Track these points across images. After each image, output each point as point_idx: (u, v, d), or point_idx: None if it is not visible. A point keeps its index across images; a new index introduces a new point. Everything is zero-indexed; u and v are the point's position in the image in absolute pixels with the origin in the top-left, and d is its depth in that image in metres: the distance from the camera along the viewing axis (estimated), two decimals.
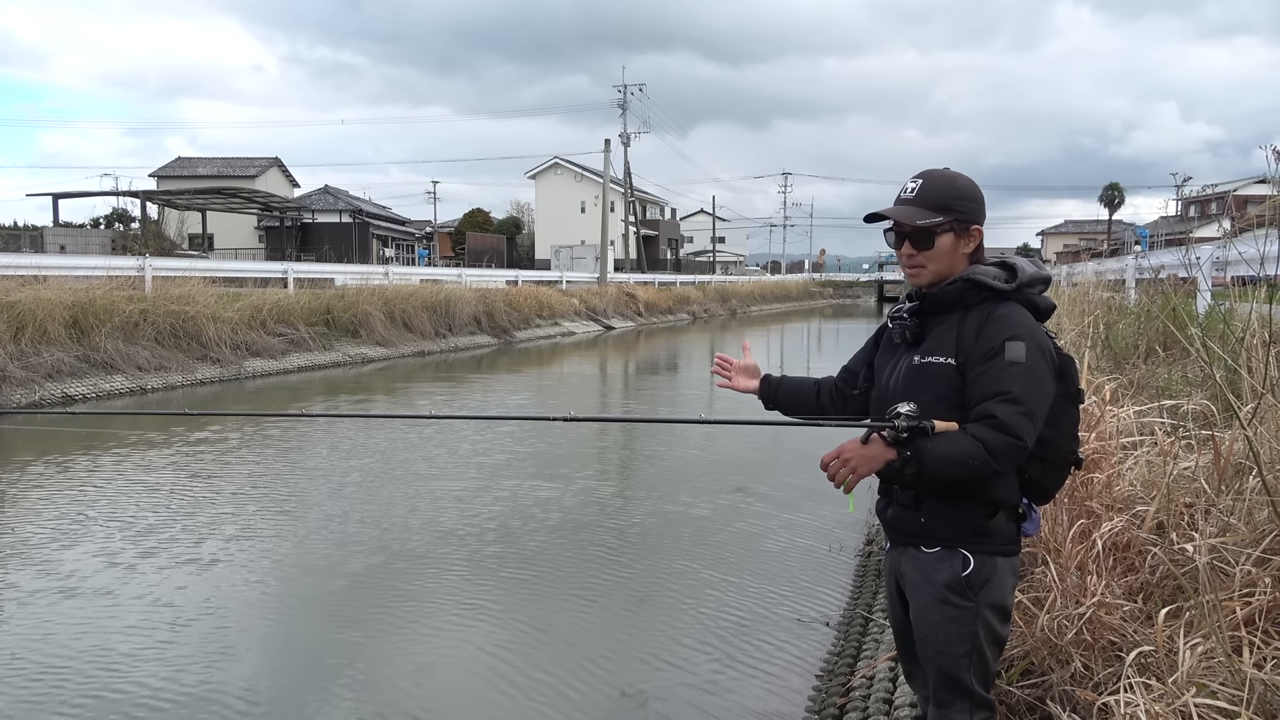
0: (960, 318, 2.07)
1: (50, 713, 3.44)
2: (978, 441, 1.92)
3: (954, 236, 2.09)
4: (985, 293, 2.06)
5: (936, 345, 2.07)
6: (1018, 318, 2.03)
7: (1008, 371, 1.95)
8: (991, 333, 2.00)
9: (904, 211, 2.11)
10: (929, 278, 2.11)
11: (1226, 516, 2.83)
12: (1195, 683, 2.11)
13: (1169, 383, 5.09)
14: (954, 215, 2.08)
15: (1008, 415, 1.92)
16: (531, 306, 25.42)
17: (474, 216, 64.09)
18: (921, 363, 2.08)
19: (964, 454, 1.92)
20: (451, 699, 3.64)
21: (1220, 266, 7.06)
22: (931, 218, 2.08)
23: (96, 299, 12.77)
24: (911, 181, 2.14)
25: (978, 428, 1.94)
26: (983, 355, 1.99)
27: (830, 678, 3.66)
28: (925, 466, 1.94)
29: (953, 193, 2.10)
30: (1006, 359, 1.96)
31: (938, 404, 2.00)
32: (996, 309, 2.04)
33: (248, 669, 3.81)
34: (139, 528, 5.77)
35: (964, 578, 2.02)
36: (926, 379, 2.05)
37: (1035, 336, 2.01)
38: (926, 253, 2.10)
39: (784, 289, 60.34)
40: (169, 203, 37.37)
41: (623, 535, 5.85)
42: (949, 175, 2.15)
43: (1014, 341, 1.97)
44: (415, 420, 10.30)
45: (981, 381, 1.98)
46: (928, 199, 2.10)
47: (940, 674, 2.07)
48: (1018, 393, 1.93)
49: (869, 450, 1.98)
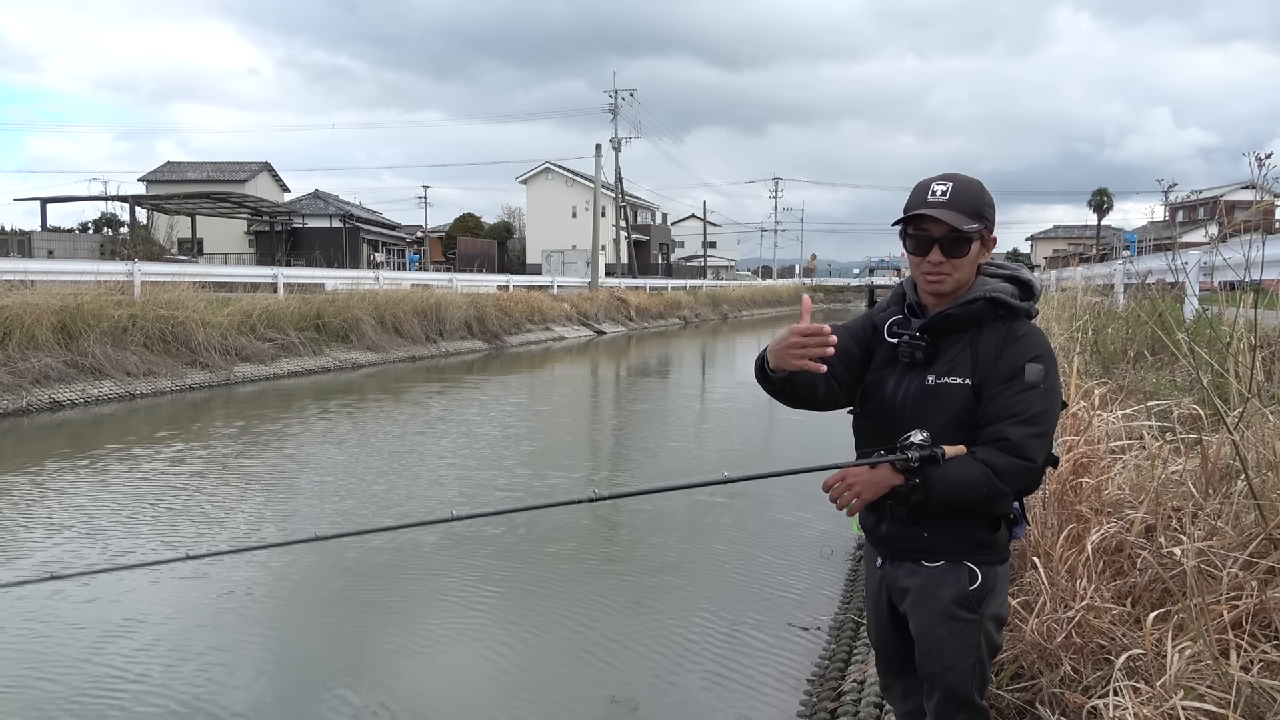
0: (975, 335, 2.02)
1: (49, 713, 3.42)
2: (986, 467, 1.90)
3: (979, 245, 2.02)
4: (1002, 310, 2.02)
5: (953, 366, 2.01)
6: (1038, 339, 2.01)
7: (1026, 394, 1.93)
8: (1013, 354, 1.97)
9: (951, 215, 1.98)
10: (951, 286, 2.02)
11: (1214, 520, 2.84)
12: (1183, 686, 2.12)
13: (1157, 387, 5.11)
14: (985, 223, 2.01)
15: (1021, 438, 1.90)
16: (522, 311, 25.39)
17: (465, 221, 64.00)
18: (937, 383, 2.00)
19: (972, 480, 1.90)
20: (438, 702, 3.62)
21: (1207, 271, 7.11)
22: (970, 223, 1.98)
23: (85, 304, 12.70)
24: (939, 184, 2.01)
25: (987, 451, 1.91)
26: (1002, 376, 1.95)
27: (821, 683, 3.66)
28: (933, 494, 1.92)
29: (983, 199, 2.02)
30: (1026, 381, 1.93)
31: (953, 425, 1.97)
32: (1016, 329, 2.01)
33: (241, 671, 3.79)
34: (132, 528, 5.74)
35: (972, 592, 2.00)
36: (942, 400, 1.99)
37: (1051, 358, 1.99)
38: (956, 260, 2.00)
39: (775, 294, 60.43)
40: (158, 207, 37.19)
41: (613, 538, 5.84)
42: (976, 181, 2.05)
43: (1034, 364, 1.95)
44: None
45: (997, 402, 1.94)
46: (963, 204, 1.99)
47: (947, 688, 2.04)
48: (1033, 415, 1.91)
49: (875, 475, 1.96)
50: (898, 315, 2.13)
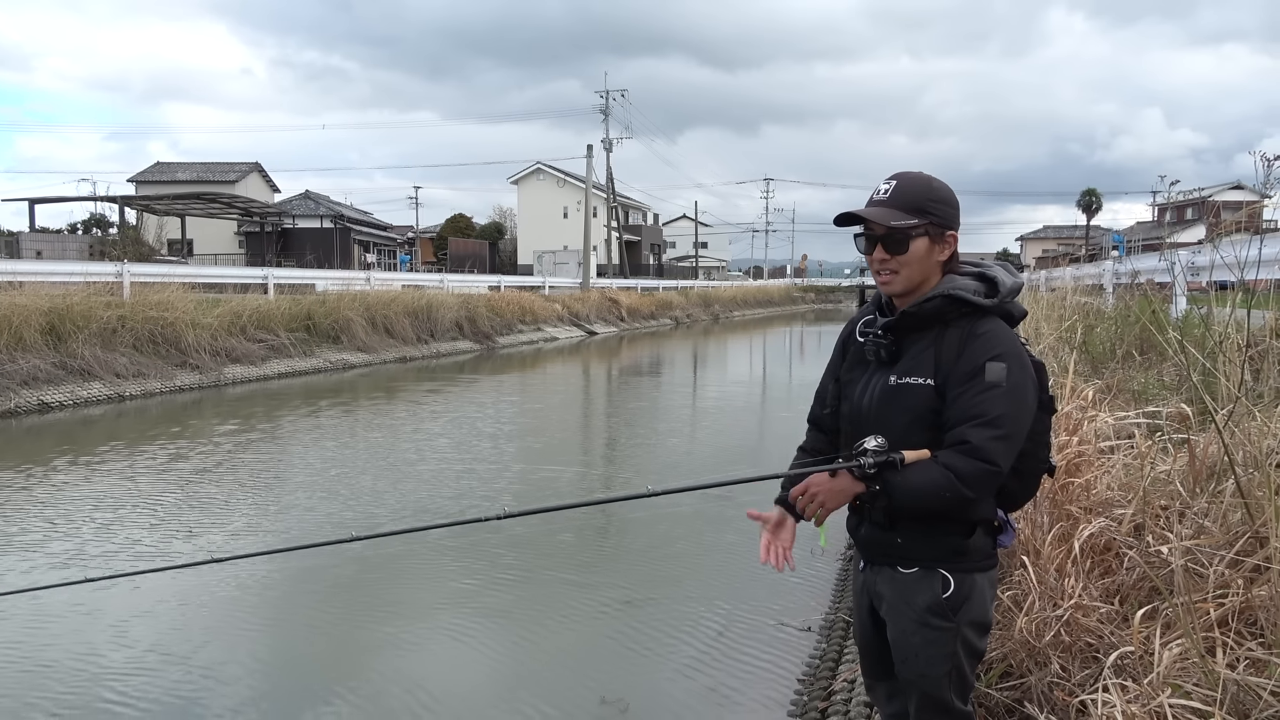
0: (938, 335, 1.97)
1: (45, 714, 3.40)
2: (948, 471, 1.86)
3: (928, 242, 1.97)
4: (965, 308, 1.97)
5: (914, 365, 1.97)
6: (1000, 336, 1.94)
7: (986, 395, 1.87)
8: (973, 353, 1.91)
9: (878, 213, 1.98)
10: (901, 285, 1.99)
11: (1201, 519, 2.86)
12: (1170, 683, 2.13)
13: (1146, 386, 5.14)
14: (929, 219, 1.96)
15: (982, 441, 1.85)
16: (514, 312, 25.37)
17: (456, 222, 63.88)
18: (899, 383, 1.97)
19: (935, 485, 1.86)
20: (428, 702, 3.61)
21: (1195, 272, 7.15)
22: (906, 220, 1.95)
23: (74, 305, 12.64)
24: (885, 183, 2.01)
25: (950, 455, 1.87)
26: (963, 376, 1.91)
27: (812, 682, 3.67)
28: (894, 500, 1.90)
29: (929, 195, 1.98)
30: (986, 380, 1.88)
31: (915, 426, 1.93)
32: (978, 326, 1.95)
33: (226, 670, 3.77)
34: (126, 528, 5.71)
35: (944, 599, 1.97)
36: (904, 401, 1.96)
37: (1017, 355, 1.93)
38: (899, 258, 1.97)
39: (766, 294, 60.52)
40: (148, 208, 37.04)
41: (604, 537, 5.83)
42: (924, 177, 2.03)
43: (995, 362, 1.89)
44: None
45: (959, 404, 1.90)
46: (902, 201, 1.97)
47: (923, 695, 2.03)
48: (994, 416, 1.86)
49: (836, 484, 1.93)
50: (870, 315, 2.13)
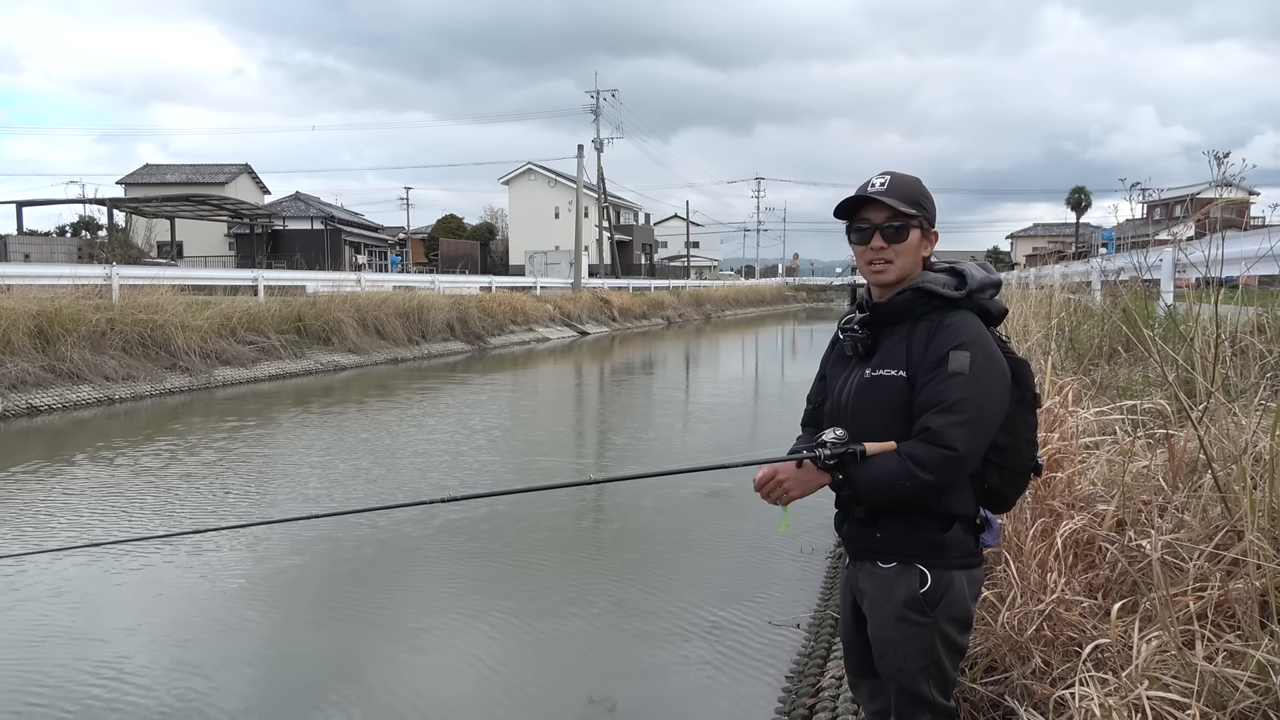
0: (910, 328, 2.03)
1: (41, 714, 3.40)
2: (906, 459, 1.90)
3: (920, 235, 2.06)
4: (935, 301, 2.02)
5: (888, 358, 2.03)
6: (965, 326, 1.99)
7: (948, 382, 1.92)
8: (938, 343, 1.97)
9: (889, 200, 2.04)
10: (894, 274, 2.05)
11: (1181, 513, 2.89)
12: (1148, 676, 2.15)
13: (1129, 383, 5.17)
14: (923, 212, 2.06)
15: (941, 426, 1.89)
16: (506, 312, 25.36)
17: (447, 223, 63.79)
18: (873, 376, 2.04)
19: (892, 475, 1.91)
20: (415, 700, 3.62)
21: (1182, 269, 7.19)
22: (909, 208, 2.04)
23: (62, 308, 12.59)
24: (878, 178, 2.08)
25: (910, 444, 1.92)
26: (928, 366, 1.96)
27: (800, 679, 3.69)
28: (859, 491, 1.96)
29: (921, 191, 2.08)
30: (949, 369, 1.92)
31: (891, 418, 1.98)
32: (946, 318, 2.00)
33: (211, 664, 3.78)
34: (121, 528, 5.70)
35: (921, 595, 1.99)
36: (878, 392, 2.02)
37: (982, 344, 1.97)
38: (896, 246, 2.04)
39: (758, 293, 60.60)
40: (137, 210, 36.90)
41: (594, 536, 5.85)
42: (914, 177, 2.12)
43: (958, 351, 1.94)
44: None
45: (924, 393, 1.95)
46: (900, 193, 2.05)
47: (901, 690, 2.05)
48: (954, 402, 1.90)
49: (802, 474, 1.99)
50: (852, 312, 2.20)
